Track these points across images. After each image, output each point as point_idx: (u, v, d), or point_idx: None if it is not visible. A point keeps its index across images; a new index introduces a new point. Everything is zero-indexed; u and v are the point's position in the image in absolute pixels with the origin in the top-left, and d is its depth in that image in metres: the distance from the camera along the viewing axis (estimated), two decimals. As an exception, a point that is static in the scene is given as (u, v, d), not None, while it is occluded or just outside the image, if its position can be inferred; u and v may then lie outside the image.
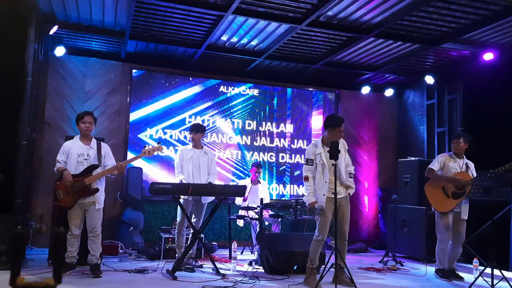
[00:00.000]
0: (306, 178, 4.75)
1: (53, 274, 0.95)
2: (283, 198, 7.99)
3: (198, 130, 5.61)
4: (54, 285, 0.97)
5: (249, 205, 6.44)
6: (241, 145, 7.91)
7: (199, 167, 5.51)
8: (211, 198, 5.56)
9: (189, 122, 7.56)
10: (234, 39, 6.60)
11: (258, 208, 6.07)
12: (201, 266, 5.48)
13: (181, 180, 5.36)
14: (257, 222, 6.15)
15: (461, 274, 5.33)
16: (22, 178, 5.25)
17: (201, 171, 5.52)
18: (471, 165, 5.40)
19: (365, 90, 8.53)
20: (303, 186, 4.96)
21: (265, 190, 7.15)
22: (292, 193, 8.08)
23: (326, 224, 4.67)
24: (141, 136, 7.32)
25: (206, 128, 7.60)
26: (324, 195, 4.60)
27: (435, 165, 5.35)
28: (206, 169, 5.57)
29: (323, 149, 4.71)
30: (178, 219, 5.45)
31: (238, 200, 6.89)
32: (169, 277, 4.77)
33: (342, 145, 4.72)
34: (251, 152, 7.95)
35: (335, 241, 4.38)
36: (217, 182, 5.84)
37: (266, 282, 4.74)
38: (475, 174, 5.32)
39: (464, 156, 5.43)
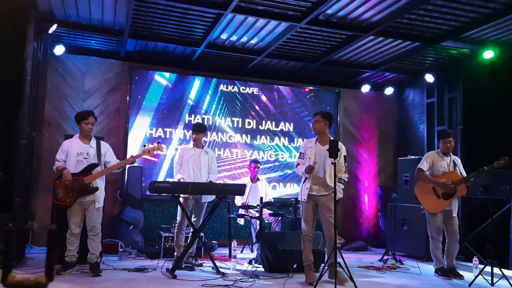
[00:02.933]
0: (297, 165, 4.97)
1: (45, 271, 0.95)
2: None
3: (200, 130, 5.61)
4: (46, 283, 0.96)
5: (249, 204, 6.44)
6: (241, 144, 7.91)
7: (199, 166, 5.51)
8: (211, 197, 5.56)
9: (189, 120, 7.56)
10: (234, 38, 6.59)
11: (258, 207, 6.07)
12: (201, 265, 5.48)
13: (179, 179, 5.36)
14: (257, 220, 6.15)
15: (461, 272, 5.32)
16: (21, 177, 5.25)
17: (201, 170, 5.52)
18: (458, 161, 5.42)
19: (365, 88, 8.52)
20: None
21: (265, 187, 7.11)
22: (291, 192, 8.08)
23: (308, 219, 4.75)
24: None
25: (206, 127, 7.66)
26: (306, 188, 4.75)
27: (424, 165, 5.34)
28: (206, 168, 5.57)
29: (315, 144, 4.84)
30: (178, 218, 5.45)
31: (238, 201, 6.88)
32: (169, 275, 4.77)
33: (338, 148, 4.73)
34: (251, 151, 7.95)
35: (334, 240, 4.38)
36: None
37: (266, 280, 4.74)
38: (462, 171, 5.36)
39: (451, 153, 5.45)
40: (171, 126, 7.50)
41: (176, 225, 5.54)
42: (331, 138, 4.64)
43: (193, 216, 5.50)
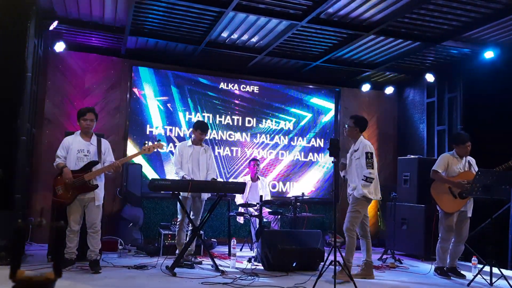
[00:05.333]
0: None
1: (53, 268, 0.95)
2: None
3: (206, 129, 5.63)
4: (55, 279, 0.96)
5: (249, 202, 6.44)
6: (241, 142, 7.91)
7: (198, 164, 5.51)
8: (208, 195, 5.56)
9: (189, 118, 7.56)
10: (235, 36, 6.59)
11: (258, 205, 6.08)
12: (200, 263, 5.49)
13: (183, 176, 5.34)
14: (257, 219, 6.15)
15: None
16: (21, 174, 5.25)
17: (200, 168, 5.51)
18: (473, 161, 5.41)
19: (365, 87, 8.53)
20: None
21: (265, 187, 7.11)
22: (291, 190, 8.09)
23: None
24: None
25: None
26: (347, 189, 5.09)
27: (439, 167, 5.32)
28: (205, 166, 5.57)
29: (351, 147, 5.15)
30: (179, 216, 5.46)
31: (239, 199, 6.88)
32: (168, 273, 4.77)
33: (359, 146, 5.01)
34: (250, 149, 7.95)
35: (333, 238, 4.39)
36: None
37: (265, 279, 4.74)
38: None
39: None
40: (170, 124, 7.50)
41: (177, 223, 5.55)
42: (331, 138, 4.88)
43: (191, 214, 5.50)
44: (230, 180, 7.57)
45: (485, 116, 6.76)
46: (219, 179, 6.90)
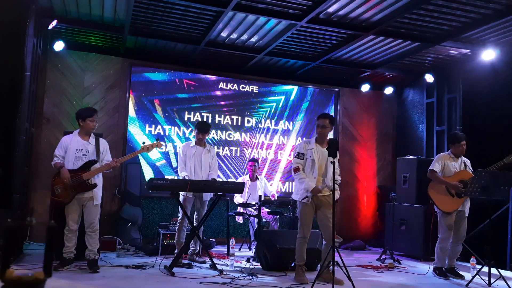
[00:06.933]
0: (297, 169, 4.75)
1: (43, 268, 0.95)
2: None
3: (206, 130, 5.63)
4: (44, 279, 0.96)
5: (248, 202, 6.44)
6: (240, 142, 7.91)
7: (201, 164, 5.54)
8: (210, 195, 5.58)
9: (188, 118, 7.55)
10: (234, 36, 6.59)
11: (257, 205, 6.07)
12: (204, 262, 5.49)
13: (184, 177, 5.35)
14: (256, 219, 6.15)
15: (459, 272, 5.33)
16: (20, 173, 5.24)
17: (203, 168, 5.55)
18: (468, 162, 5.43)
19: (365, 88, 8.52)
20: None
21: (264, 186, 7.09)
22: (291, 191, 8.08)
23: (308, 221, 4.71)
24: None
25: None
26: (307, 190, 4.64)
27: (436, 167, 5.32)
28: (207, 167, 5.61)
29: (315, 146, 4.79)
30: (180, 215, 5.47)
31: (237, 199, 6.87)
32: (167, 273, 4.77)
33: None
34: (250, 149, 7.95)
35: (332, 239, 4.38)
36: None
37: (263, 278, 4.74)
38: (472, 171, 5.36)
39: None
40: (170, 123, 7.49)
41: (177, 222, 5.56)
42: (330, 138, 4.68)
43: (195, 214, 5.53)
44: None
45: (484, 117, 6.75)
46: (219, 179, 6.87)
